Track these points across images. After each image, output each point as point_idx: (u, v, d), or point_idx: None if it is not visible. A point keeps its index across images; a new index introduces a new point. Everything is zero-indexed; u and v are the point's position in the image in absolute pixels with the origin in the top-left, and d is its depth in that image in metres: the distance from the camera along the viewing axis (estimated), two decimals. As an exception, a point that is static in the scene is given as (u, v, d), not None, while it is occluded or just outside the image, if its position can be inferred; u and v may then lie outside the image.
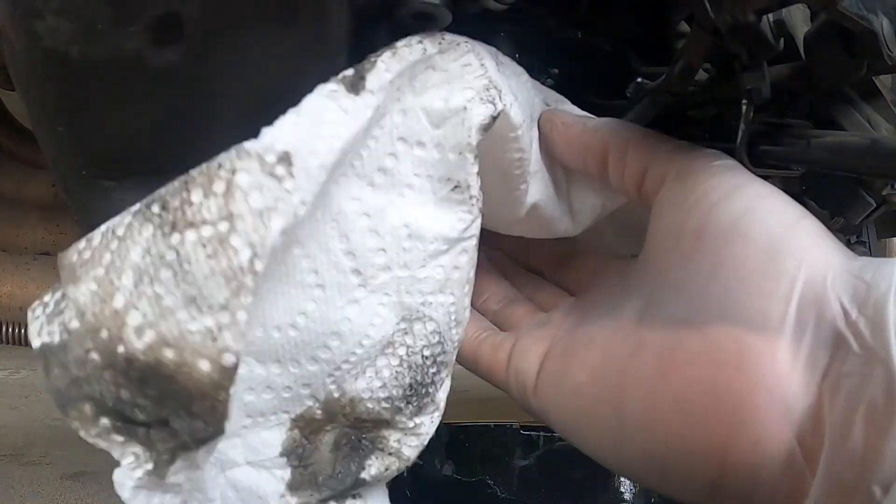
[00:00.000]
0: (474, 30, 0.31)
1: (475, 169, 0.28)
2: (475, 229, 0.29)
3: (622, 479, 0.81)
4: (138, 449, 0.21)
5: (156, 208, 0.20)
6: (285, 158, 0.21)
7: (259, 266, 0.19)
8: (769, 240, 0.24)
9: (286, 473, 0.27)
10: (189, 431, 0.20)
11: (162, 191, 0.21)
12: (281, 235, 0.20)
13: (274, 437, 0.27)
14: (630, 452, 0.26)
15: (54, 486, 0.89)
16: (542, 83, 0.36)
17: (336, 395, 0.28)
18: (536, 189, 0.31)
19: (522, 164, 0.30)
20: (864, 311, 0.22)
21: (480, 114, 0.27)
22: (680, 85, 0.32)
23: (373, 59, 0.25)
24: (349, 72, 0.25)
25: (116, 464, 0.22)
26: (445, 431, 0.81)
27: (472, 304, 0.33)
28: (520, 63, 0.34)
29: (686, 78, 0.31)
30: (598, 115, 0.36)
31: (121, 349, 0.19)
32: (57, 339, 0.20)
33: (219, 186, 0.20)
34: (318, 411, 0.28)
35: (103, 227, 0.21)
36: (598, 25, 0.38)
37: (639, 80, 0.35)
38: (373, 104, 0.24)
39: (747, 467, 0.23)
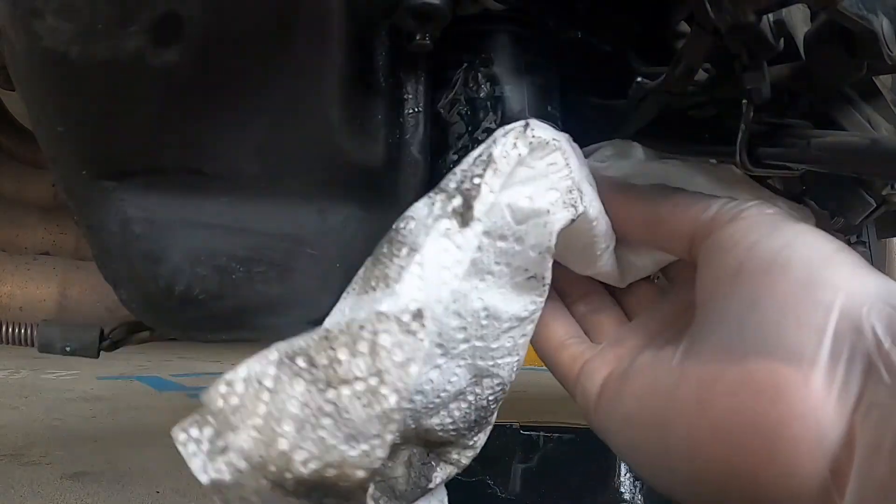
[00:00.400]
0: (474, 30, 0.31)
1: (550, 263, 0.30)
2: (542, 304, 0.31)
3: (622, 479, 0.81)
4: None
5: (302, 363, 0.24)
6: (419, 315, 0.24)
7: (404, 404, 0.24)
8: (807, 272, 0.25)
9: (370, 488, 0.29)
10: None
11: (302, 344, 0.24)
12: (419, 376, 0.24)
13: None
14: (679, 476, 0.27)
15: (54, 486, 0.89)
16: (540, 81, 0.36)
17: (413, 426, 0.30)
18: (605, 260, 0.34)
19: (593, 239, 0.32)
20: None
21: (562, 218, 0.29)
22: (680, 85, 0.32)
23: (477, 182, 0.27)
24: (457, 202, 0.27)
25: (116, 464, 0.22)
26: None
27: (569, 309, 0.36)
28: (520, 64, 0.34)
29: (686, 78, 0.31)
30: (599, 115, 0.36)
31: (288, 475, 0.23)
32: (228, 477, 0.23)
33: (363, 346, 0.23)
34: (398, 439, 0.30)
35: (244, 374, 0.24)
36: (598, 25, 0.38)
37: (639, 79, 0.35)
38: (480, 231, 0.27)
39: (781, 495, 0.23)
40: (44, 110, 0.26)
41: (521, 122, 0.30)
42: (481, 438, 0.34)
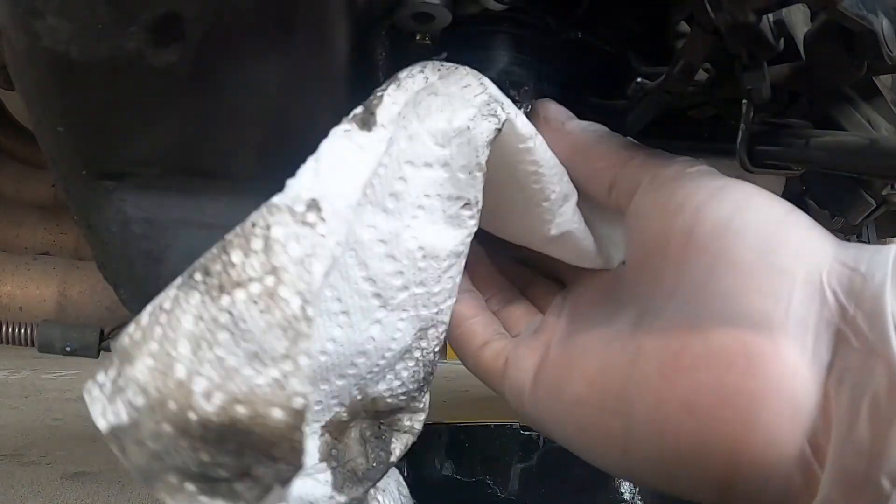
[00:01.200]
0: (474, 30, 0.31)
1: (482, 184, 0.28)
2: (474, 233, 0.30)
3: (621, 479, 0.81)
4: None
5: (198, 276, 0.21)
6: (314, 205, 0.22)
7: (310, 311, 0.20)
8: (763, 236, 0.24)
9: (328, 476, 0.29)
10: (273, 475, 0.20)
11: (201, 260, 0.21)
12: (324, 278, 0.21)
13: (311, 447, 0.28)
14: (638, 459, 0.26)
15: (54, 486, 0.89)
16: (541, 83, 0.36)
17: (359, 397, 0.29)
18: (567, 217, 0.32)
19: (540, 178, 0.30)
20: (861, 305, 0.22)
21: (484, 130, 0.27)
22: (680, 85, 0.32)
23: (379, 94, 0.26)
24: (359, 110, 0.26)
25: (116, 464, 0.22)
26: (445, 431, 0.81)
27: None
28: (520, 64, 0.34)
29: (686, 78, 0.31)
30: (599, 115, 0.36)
31: (192, 416, 0.20)
32: (125, 418, 0.20)
33: (257, 244, 0.21)
34: (344, 414, 0.29)
35: (149, 307, 0.22)
36: (598, 25, 0.38)
37: (639, 79, 0.35)
38: (385, 137, 0.25)
39: (759, 468, 0.23)
40: (44, 110, 0.26)
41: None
42: (427, 398, 0.32)
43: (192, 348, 0.20)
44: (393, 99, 0.26)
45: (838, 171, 0.32)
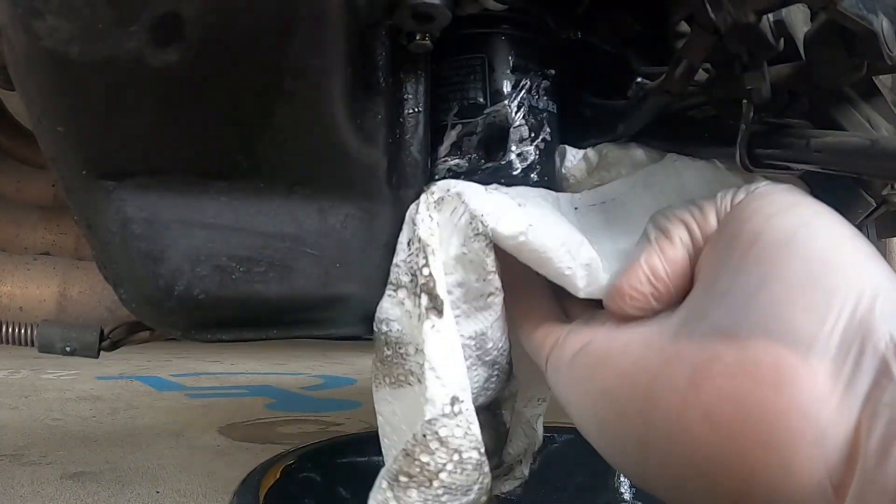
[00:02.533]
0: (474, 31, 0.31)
1: (497, 276, 0.33)
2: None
3: (622, 479, 0.81)
4: None
5: (403, 479, 0.31)
6: (453, 401, 0.31)
7: (483, 453, 0.32)
8: (820, 255, 0.24)
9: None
10: None
11: (395, 466, 0.31)
12: (478, 432, 0.32)
13: None
14: (653, 464, 0.26)
15: (54, 486, 0.89)
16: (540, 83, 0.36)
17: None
18: (595, 277, 0.34)
19: (547, 261, 0.33)
20: None
21: (476, 248, 0.32)
22: (680, 85, 0.32)
23: (427, 273, 0.32)
24: (426, 301, 0.32)
25: (116, 464, 0.22)
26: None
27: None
28: (521, 64, 0.35)
29: (686, 78, 0.31)
30: (599, 115, 0.36)
31: None
32: None
33: (434, 444, 0.31)
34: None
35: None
36: (598, 25, 0.38)
37: (639, 80, 0.35)
38: (450, 311, 0.32)
39: (773, 490, 0.22)
40: (44, 110, 0.26)
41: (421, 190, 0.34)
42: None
43: None
44: (438, 272, 0.32)
45: (838, 172, 0.32)
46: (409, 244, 0.33)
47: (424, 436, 0.31)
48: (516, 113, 0.37)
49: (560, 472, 0.82)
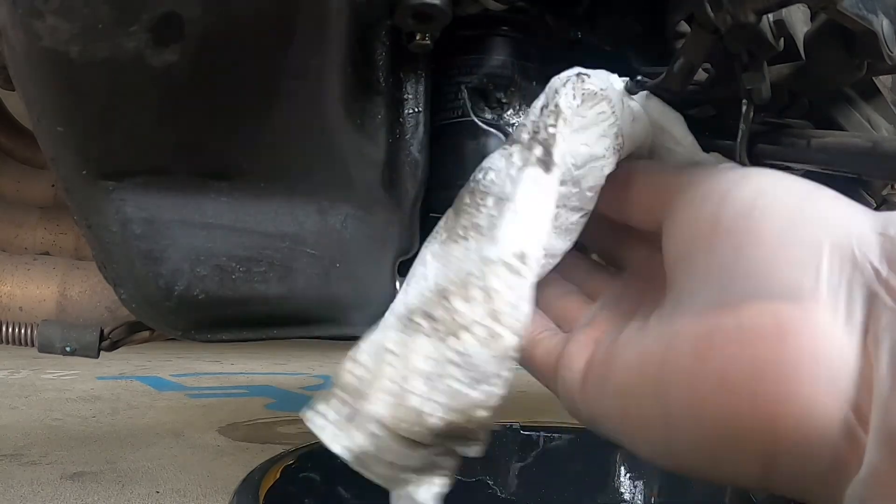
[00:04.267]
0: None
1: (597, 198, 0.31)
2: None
3: (621, 479, 0.81)
4: (434, 477, 0.28)
5: (420, 320, 0.26)
6: (523, 257, 0.26)
7: (519, 341, 0.26)
8: (788, 211, 0.24)
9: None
10: (467, 449, 0.28)
11: (415, 301, 0.27)
12: (529, 314, 0.27)
13: None
14: (679, 444, 0.26)
15: (54, 486, 0.89)
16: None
17: None
18: None
19: None
20: (893, 266, 0.22)
21: (612, 162, 0.30)
22: (679, 84, 0.32)
23: (552, 132, 0.29)
24: (539, 151, 0.29)
25: (116, 464, 0.22)
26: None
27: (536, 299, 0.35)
28: (520, 66, 0.35)
29: (686, 77, 0.31)
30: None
31: (419, 429, 0.26)
32: (366, 443, 0.26)
33: (476, 293, 0.26)
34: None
35: (367, 347, 0.27)
36: (598, 25, 0.38)
37: (638, 77, 0.35)
38: (559, 176, 0.28)
39: (800, 439, 0.22)
40: (44, 110, 0.26)
41: (575, 72, 0.31)
42: None
43: (426, 382, 0.25)
44: (563, 136, 0.29)
45: (839, 172, 0.32)
46: (542, 109, 0.30)
47: (469, 275, 0.26)
48: None
49: (560, 472, 0.82)
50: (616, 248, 0.36)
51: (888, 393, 0.20)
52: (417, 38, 0.31)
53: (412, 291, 0.28)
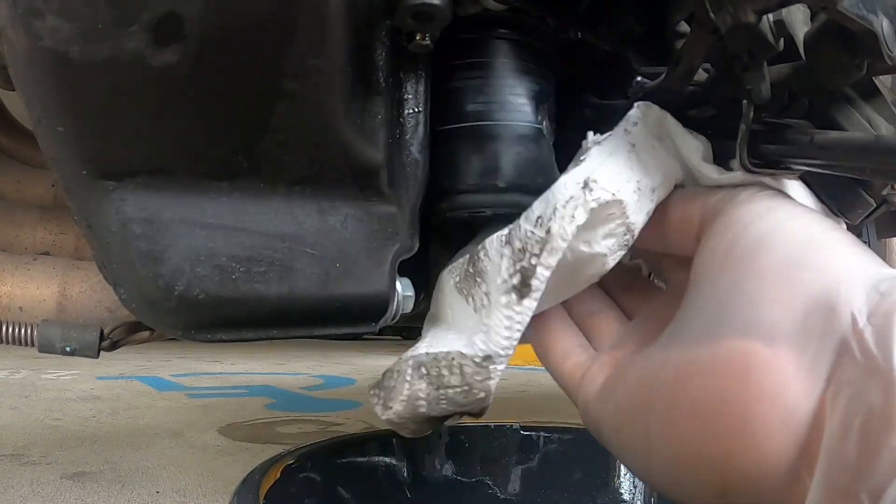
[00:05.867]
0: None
1: None
2: None
3: (621, 479, 0.81)
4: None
5: (423, 370, 0.34)
6: (489, 359, 0.33)
7: (490, 396, 0.34)
8: (793, 251, 0.25)
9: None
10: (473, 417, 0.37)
11: (424, 359, 0.34)
12: (495, 388, 0.34)
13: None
14: (655, 465, 0.27)
15: (54, 486, 0.89)
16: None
17: None
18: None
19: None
20: (872, 320, 0.21)
21: (617, 257, 0.33)
22: (680, 84, 0.32)
23: (534, 263, 0.31)
24: (516, 279, 0.32)
25: (116, 464, 0.22)
26: (445, 431, 0.81)
27: (569, 312, 0.37)
28: (521, 69, 0.35)
29: (686, 77, 0.31)
30: (598, 115, 0.36)
31: (432, 415, 0.36)
32: (396, 419, 0.36)
33: (455, 371, 0.33)
34: None
35: (395, 367, 0.36)
36: (598, 25, 0.38)
37: (638, 79, 0.35)
38: (536, 297, 0.32)
39: (751, 475, 0.23)
40: (44, 110, 0.26)
41: (582, 181, 0.31)
42: None
43: (427, 402, 0.34)
44: (546, 266, 0.31)
45: (840, 170, 0.32)
46: (536, 222, 0.31)
47: (453, 359, 0.33)
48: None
49: (560, 472, 0.82)
50: (661, 266, 0.37)
51: (836, 443, 0.21)
52: (417, 38, 0.31)
53: (427, 340, 0.36)
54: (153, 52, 0.24)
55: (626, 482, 0.81)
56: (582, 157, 0.33)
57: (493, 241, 0.34)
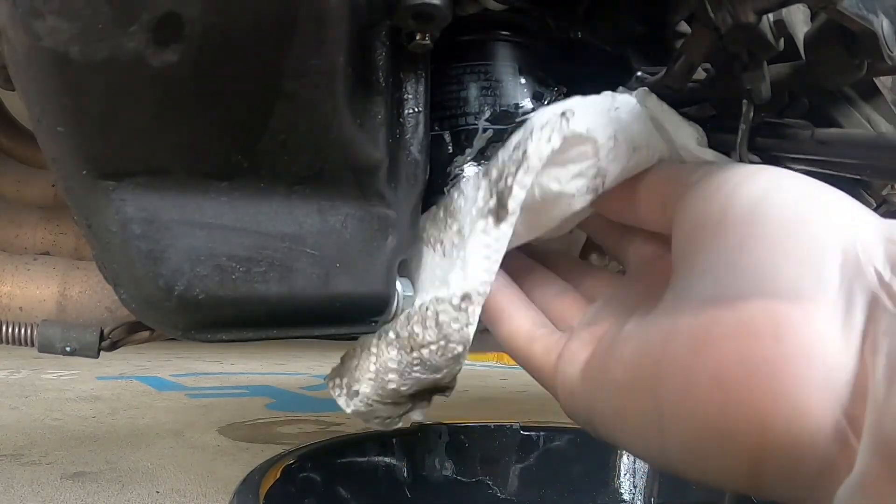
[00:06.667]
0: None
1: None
2: None
3: (621, 479, 0.81)
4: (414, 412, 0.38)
5: (392, 335, 0.34)
6: (466, 298, 0.32)
7: (466, 350, 0.33)
8: (794, 209, 0.24)
9: None
10: (443, 397, 0.38)
11: (390, 323, 0.34)
12: (473, 334, 0.32)
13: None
14: (671, 440, 0.25)
15: (54, 486, 0.89)
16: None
17: None
18: None
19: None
20: None
21: (584, 201, 0.33)
22: (679, 82, 0.32)
23: (510, 183, 0.31)
24: (493, 203, 0.32)
25: (116, 464, 0.22)
26: (445, 431, 0.81)
27: (528, 296, 0.37)
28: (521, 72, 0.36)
29: (685, 75, 0.31)
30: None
31: (399, 396, 0.35)
32: (363, 408, 0.35)
33: (430, 322, 0.32)
34: None
35: (359, 343, 0.36)
36: (598, 25, 0.38)
37: (638, 73, 0.35)
38: (513, 222, 0.32)
39: (790, 440, 0.22)
40: (44, 110, 0.26)
41: (560, 111, 0.31)
42: None
43: (398, 374, 0.34)
44: (521, 185, 0.31)
45: (840, 168, 0.32)
46: (513, 149, 0.32)
47: (426, 309, 0.32)
48: None
49: (559, 472, 0.82)
50: (622, 245, 0.36)
51: (883, 398, 0.20)
52: (417, 38, 0.31)
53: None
54: (153, 52, 0.24)
55: (625, 482, 0.82)
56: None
57: (470, 180, 0.34)
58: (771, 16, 0.28)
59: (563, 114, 0.31)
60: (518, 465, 0.82)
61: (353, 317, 0.34)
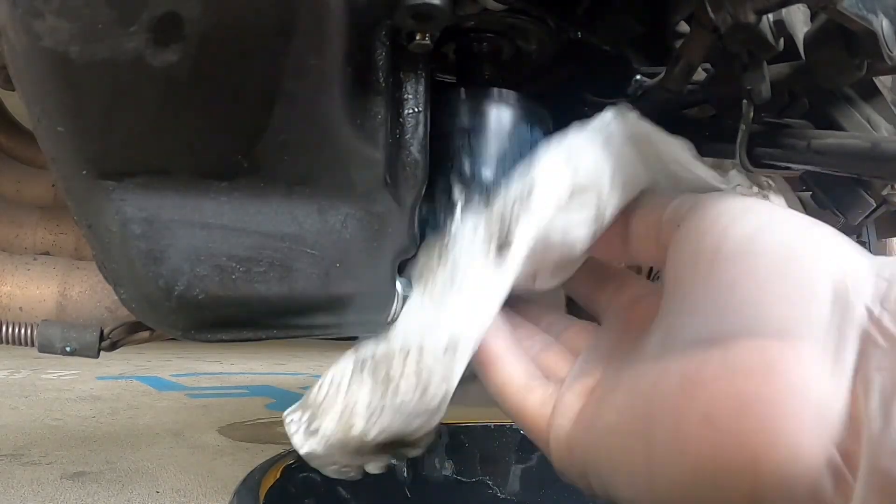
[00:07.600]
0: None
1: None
2: None
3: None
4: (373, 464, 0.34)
5: (365, 374, 0.31)
6: (453, 346, 0.30)
7: (446, 402, 0.31)
8: (785, 247, 0.24)
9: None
10: (407, 455, 0.34)
11: (368, 354, 0.32)
12: (454, 387, 0.30)
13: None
14: (661, 483, 0.25)
15: (54, 486, 0.89)
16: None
17: None
18: None
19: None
20: (886, 305, 0.21)
21: (586, 245, 0.32)
22: (679, 83, 0.32)
23: (513, 229, 0.30)
24: (494, 246, 0.31)
25: (116, 464, 0.22)
26: (445, 431, 0.81)
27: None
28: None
29: (685, 76, 0.31)
30: (598, 114, 0.36)
31: (365, 443, 0.31)
32: (321, 450, 0.31)
33: (411, 365, 0.30)
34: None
35: (329, 376, 0.33)
36: (598, 25, 0.38)
37: (637, 77, 0.35)
38: (515, 267, 0.30)
39: (784, 479, 0.22)
40: (44, 110, 0.26)
41: (563, 156, 0.31)
42: None
43: (367, 416, 0.31)
44: (526, 235, 0.30)
45: (839, 173, 0.32)
46: (516, 198, 0.31)
47: (408, 353, 0.30)
48: None
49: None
50: (595, 295, 0.35)
51: (879, 433, 0.20)
52: (417, 37, 0.31)
53: (373, 340, 0.33)
54: (153, 52, 0.24)
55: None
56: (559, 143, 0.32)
57: (469, 222, 0.33)
58: (771, 16, 0.28)
59: (567, 164, 0.30)
60: (518, 465, 0.82)
61: (354, 317, 0.34)
